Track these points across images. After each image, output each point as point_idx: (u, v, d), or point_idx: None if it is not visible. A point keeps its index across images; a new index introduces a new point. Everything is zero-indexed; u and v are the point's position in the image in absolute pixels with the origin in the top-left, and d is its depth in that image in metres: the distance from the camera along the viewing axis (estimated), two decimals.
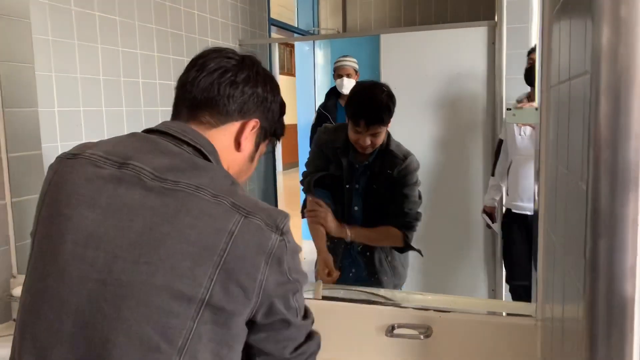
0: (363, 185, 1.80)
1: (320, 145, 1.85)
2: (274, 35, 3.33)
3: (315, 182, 1.81)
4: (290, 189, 3.47)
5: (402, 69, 2.63)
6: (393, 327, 1.32)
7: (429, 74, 2.58)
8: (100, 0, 2.02)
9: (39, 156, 1.67)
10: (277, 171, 3.31)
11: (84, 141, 0.86)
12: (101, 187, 0.75)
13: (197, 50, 0.93)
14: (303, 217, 1.87)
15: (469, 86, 2.56)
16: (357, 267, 1.89)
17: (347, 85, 2.66)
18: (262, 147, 0.97)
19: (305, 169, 1.90)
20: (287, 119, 3.31)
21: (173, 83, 2.70)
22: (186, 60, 0.94)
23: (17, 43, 1.63)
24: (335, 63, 2.74)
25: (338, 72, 2.72)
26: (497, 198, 2.41)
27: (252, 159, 0.94)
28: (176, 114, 0.91)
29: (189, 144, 0.82)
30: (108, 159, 0.78)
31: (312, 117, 3.45)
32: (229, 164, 0.89)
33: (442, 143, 2.63)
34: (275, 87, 0.94)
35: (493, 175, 2.43)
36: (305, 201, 1.89)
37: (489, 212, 2.42)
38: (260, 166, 3.20)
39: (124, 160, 0.78)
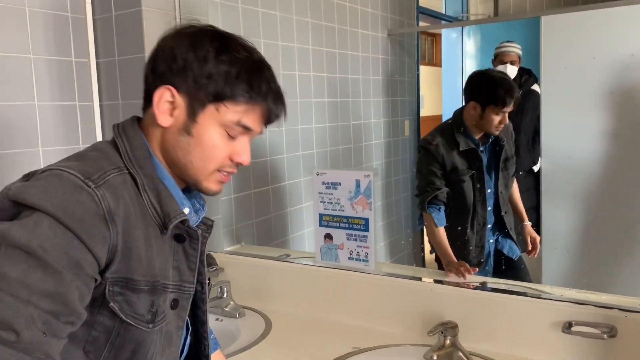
0: (487, 165, 1.98)
1: (438, 162, 1.93)
2: (421, 23, 3.28)
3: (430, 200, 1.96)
4: None
5: (566, 55, 2.44)
6: (570, 324, 1.24)
7: (597, 58, 2.37)
8: None
9: None
10: None
11: None
12: None
13: (348, 42, 0.91)
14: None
15: None
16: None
17: (511, 72, 2.53)
18: (211, 117, 0.81)
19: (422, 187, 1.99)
20: (432, 110, 3.24)
21: (326, 75, 2.76)
22: (338, 53, 0.95)
23: None
24: (497, 48, 2.60)
25: (501, 59, 2.58)
26: None
27: (186, 131, 0.82)
28: None
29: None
30: None
31: (458, 107, 3.34)
32: (158, 141, 0.85)
33: (614, 135, 2.40)
34: (221, 48, 0.81)
35: None
36: (421, 215, 2.04)
37: None
38: (405, 157, 3.18)
39: None
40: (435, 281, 1.52)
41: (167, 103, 0.83)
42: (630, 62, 2.32)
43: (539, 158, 2.58)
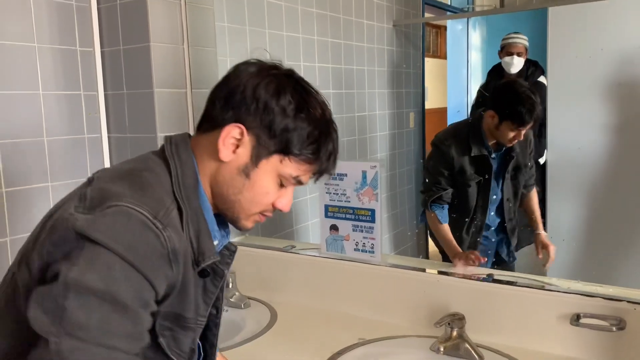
0: (496, 172, 1.95)
1: (447, 162, 1.92)
2: (426, 14, 3.26)
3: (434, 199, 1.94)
4: None
5: (574, 46, 2.42)
6: (579, 316, 1.24)
7: (605, 49, 2.35)
8: None
9: None
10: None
11: None
12: None
13: (353, 33, 0.90)
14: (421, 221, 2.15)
15: None
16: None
17: (517, 64, 2.51)
18: (272, 166, 0.84)
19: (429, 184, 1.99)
20: (436, 103, 3.21)
21: (330, 66, 2.74)
22: (343, 44, 0.95)
23: (203, 29, 1.77)
24: (504, 40, 2.58)
25: (507, 50, 2.55)
26: None
27: (244, 173, 0.84)
28: None
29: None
30: None
31: (463, 100, 3.33)
32: (210, 171, 0.85)
33: (621, 128, 2.38)
34: (301, 103, 0.83)
35: None
36: (424, 213, 2.04)
37: None
38: (410, 149, 3.17)
39: None
40: (442, 273, 1.51)
41: (234, 139, 0.83)
42: (639, 54, 2.30)
43: (545, 150, 2.56)
